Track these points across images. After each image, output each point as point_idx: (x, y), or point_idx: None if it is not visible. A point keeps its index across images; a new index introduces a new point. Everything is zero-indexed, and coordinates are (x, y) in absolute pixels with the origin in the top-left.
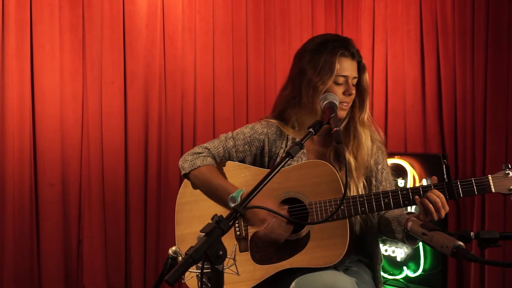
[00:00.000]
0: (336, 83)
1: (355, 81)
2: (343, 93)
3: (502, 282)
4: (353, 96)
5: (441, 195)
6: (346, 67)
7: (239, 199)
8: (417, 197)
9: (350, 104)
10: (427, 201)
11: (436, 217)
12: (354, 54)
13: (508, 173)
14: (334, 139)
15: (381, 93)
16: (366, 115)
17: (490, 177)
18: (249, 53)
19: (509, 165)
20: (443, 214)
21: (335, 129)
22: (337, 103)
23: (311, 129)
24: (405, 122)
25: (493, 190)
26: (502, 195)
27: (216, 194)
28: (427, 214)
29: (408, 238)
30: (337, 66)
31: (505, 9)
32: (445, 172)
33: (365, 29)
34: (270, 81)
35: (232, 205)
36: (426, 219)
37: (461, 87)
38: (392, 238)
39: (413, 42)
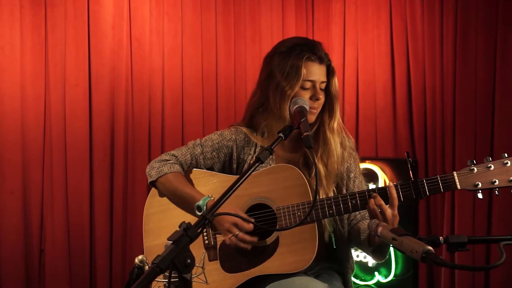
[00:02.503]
0: (303, 88)
1: (323, 85)
2: (310, 98)
3: (472, 285)
4: (321, 101)
5: (394, 196)
6: (313, 72)
7: (205, 207)
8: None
9: (319, 109)
10: (372, 202)
11: (381, 219)
12: (322, 58)
13: (473, 169)
14: (304, 144)
15: (352, 97)
16: (336, 122)
17: (455, 174)
18: (219, 56)
19: (474, 161)
20: (387, 216)
21: (305, 133)
22: (307, 108)
23: (281, 134)
24: (375, 126)
25: (458, 186)
26: (470, 192)
27: (182, 202)
28: (372, 216)
29: (374, 252)
30: (304, 71)
31: (472, 14)
32: (410, 170)
33: (336, 33)
34: (240, 84)
35: (199, 213)
36: (372, 217)
37: (430, 90)
38: (360, 249)
39: (384, 46)
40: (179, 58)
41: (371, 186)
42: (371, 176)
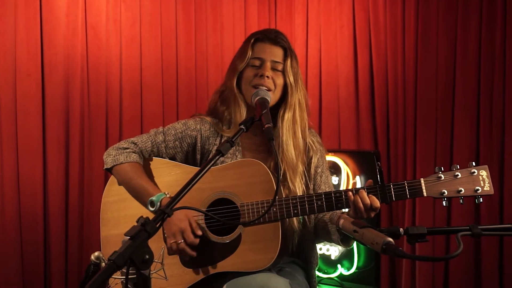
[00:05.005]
0: (251, 65)
1: (278, 66)
2: (255, 75)
3: (432, 276)
4: (276, 81)
5: (374, 199)
6: (261, 50)
7: (158, 204)
8: (350, 193)
9: (276, 93)
10: (359, 199)
11: (365, 216)
12: (275, 40)
13: (440, 177)
14: (266, 136)
15: (315, 89)
16: (289, 114)
17: (422, 181)
18: (179, 46)
19: (442, 168)
20: (372, 214)
21: (266, 125)
22: (269, 99)
23: (242, 126)
24: (338, 118)
25: (424, 194)
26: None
27: (136, 195)
28: (357, 212)
29: (343, 240)
30: (249, 51)
31: (433, 5)
32: (378, 175)
33: (299, 23)
34: (202, 75)
35: (151, 209)
36: (356, 216)
37: (392, 82)
38: (328, 240)
39: (346, 38)
40: (137, 47)
41: (334, 178)
42: (334, 168)
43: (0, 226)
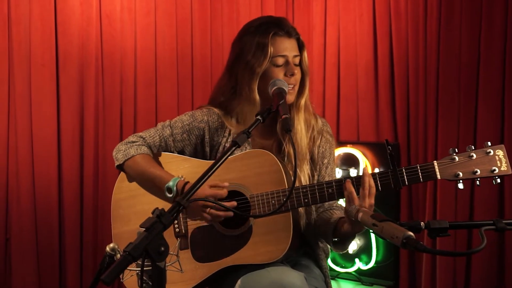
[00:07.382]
0: (276, 65)
1: (297, 59)
2: (285, 75)
3: (453, 271)
4: (297, 77)
5: (372, 185)
6: (283, 47)
7: (175, 188)
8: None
9: (297, 87)
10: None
11: (360, 202)
12: (290, 32)
13: (454, 158)
14: (283, 127)
15: (333, 79)
16: (303, 99)
17: (435, 163)
18: (194, 35)
19: (456, 149)
20: (372, 199)
21: (284, 116)
22: (286, 89)
23: (259, 117)
24: (357, 109)
25: (438, 176)
26: (451, 182)
27: (151, 185)
28: (349, 201)
29: (336, 244)
30: (271, 48)
31: None
32: (389, 159)
33: (317, 11)
34: (217, 66)
35: (169, 195)
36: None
37: (413, 71)
38: (322, 239)
39: (366, 25)
40: (152, 36)
41: (352, 171)
42: (352, 160)
43: (15, 217)
